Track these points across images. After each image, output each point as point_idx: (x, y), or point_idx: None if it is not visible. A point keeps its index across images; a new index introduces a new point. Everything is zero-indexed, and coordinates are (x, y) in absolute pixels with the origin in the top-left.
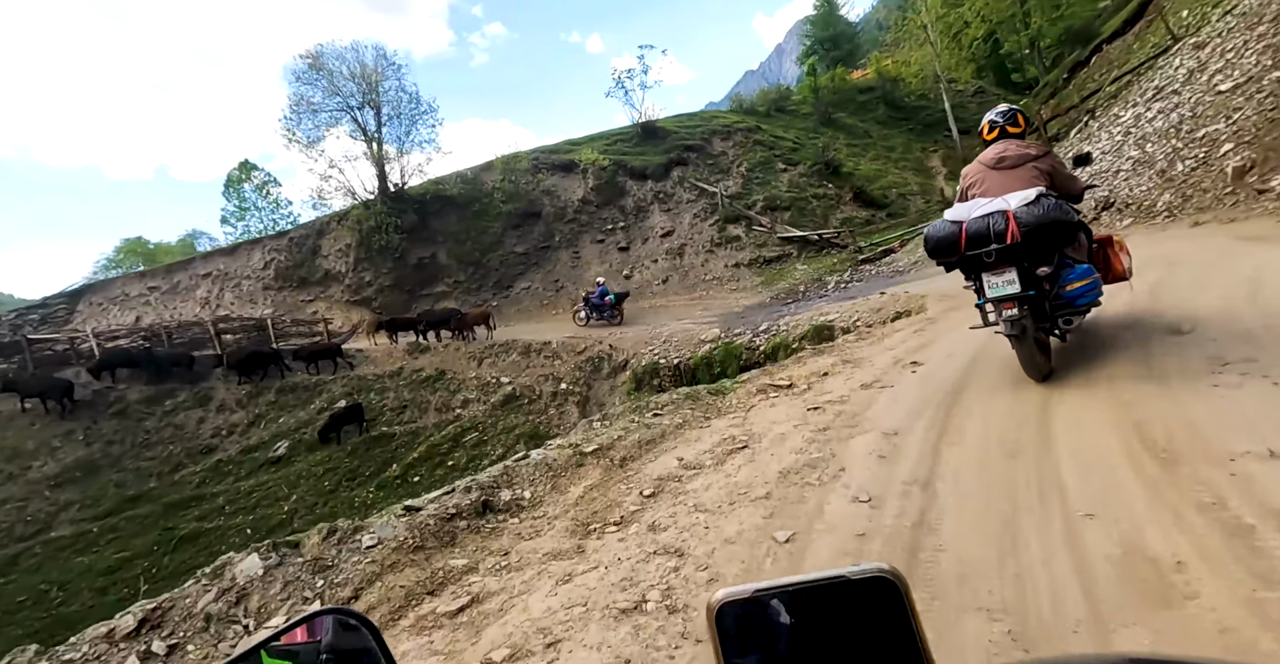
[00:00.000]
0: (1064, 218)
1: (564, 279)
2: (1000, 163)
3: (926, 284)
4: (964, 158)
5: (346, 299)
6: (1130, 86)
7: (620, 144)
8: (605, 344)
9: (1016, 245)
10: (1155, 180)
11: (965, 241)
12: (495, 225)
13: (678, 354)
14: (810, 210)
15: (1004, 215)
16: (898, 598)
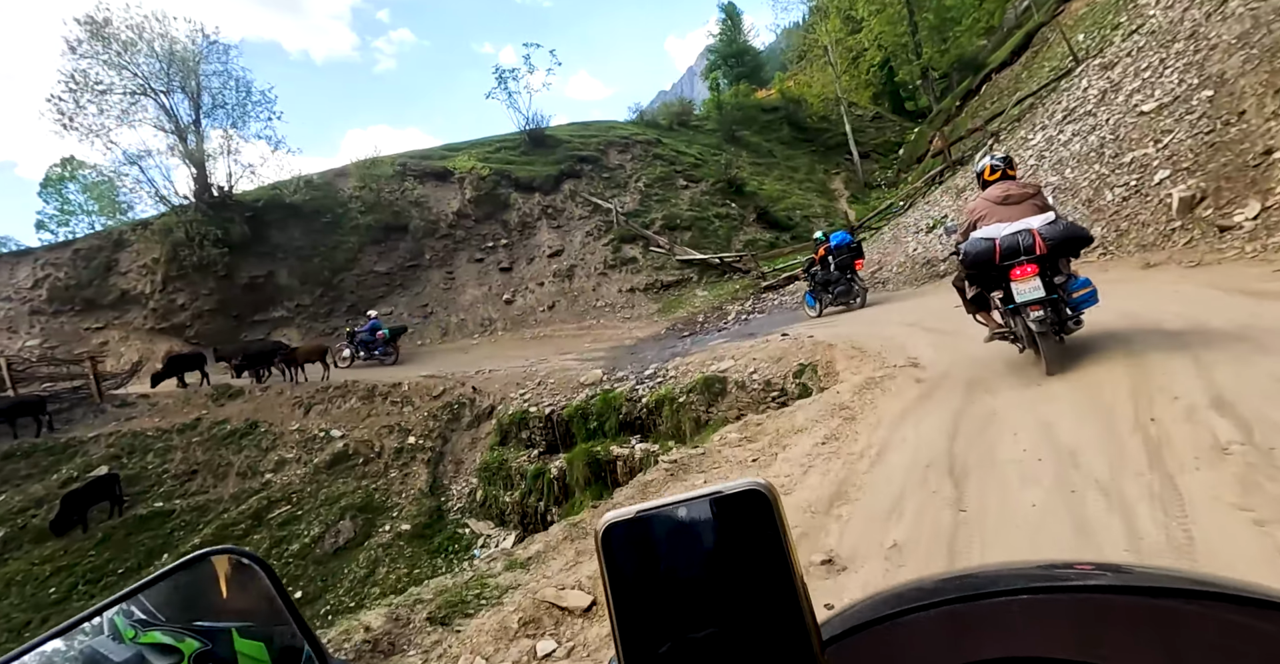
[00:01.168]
0: (1082, 233)
1: (434, 304)
2: (1006, 200)
3: (828, 325)
4: (865, 182)
5: (150, 327)
6: (1034, 109)
7: (505, 152)
8: (468, 386)
9: (1043, 256)
10: (1082, 211)
11: (999, 254)
12: (351, 240)
13: (552, 400)
14: (712, 231)
15: (1030, 233)
16: (769, 510)
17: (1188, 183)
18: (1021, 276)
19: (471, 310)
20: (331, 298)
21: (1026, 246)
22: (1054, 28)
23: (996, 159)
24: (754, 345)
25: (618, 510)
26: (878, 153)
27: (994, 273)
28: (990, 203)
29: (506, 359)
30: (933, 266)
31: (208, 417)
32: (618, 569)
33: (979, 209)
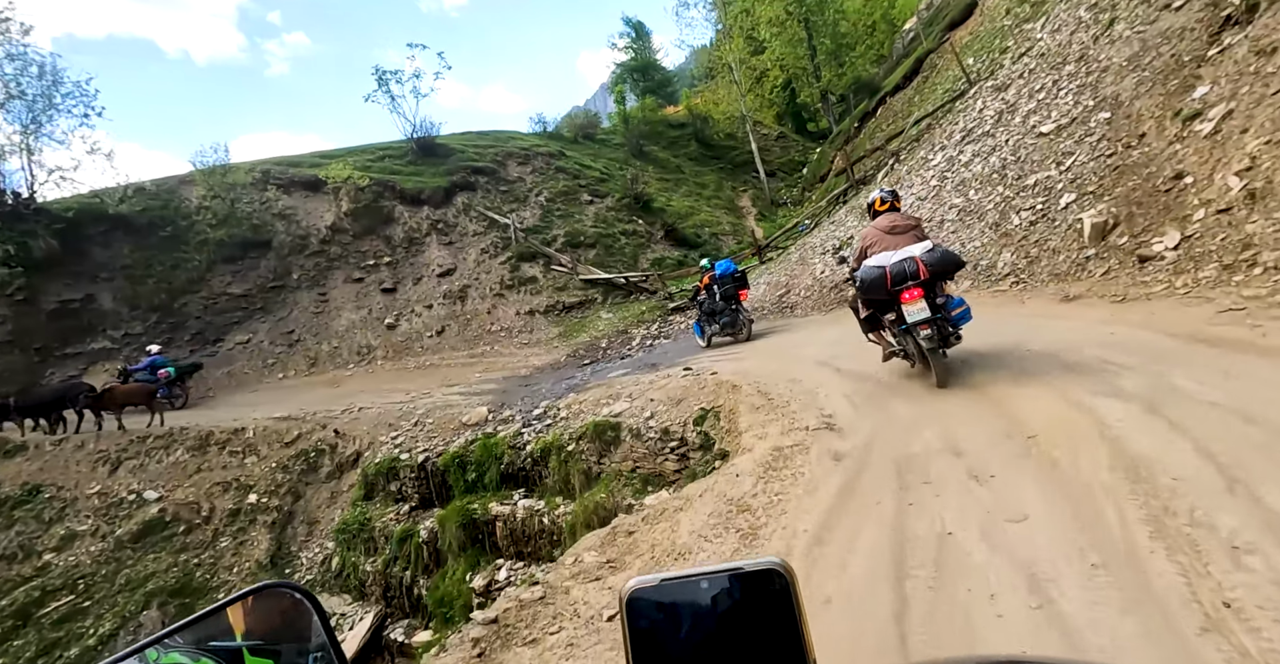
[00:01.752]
0: (956, 260)
1: (302, 330)
2: (893, 230)
3: (732, 358)
4: (772, 199)
5: None
6: (932, 129)
7: (389, 160)
8: (329, 429)
9: (927, 280)
10: (989, 235)
11: (890, 280)
12: (197, 257)
13: (428, 445)
14: (618, 248)
15: (914, 260)
16: (786, 589)
17: (1097, 207)
18: (910, 300)
19: (347, 337)
20: (171, 325)
21: (912, 272)
22: (941, 54)
23: (885, 192)
24: (654, 381)
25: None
26: (783, 171)
27: (886, 297)
28: (880, 232)
29: (383, 393)
30: (840, 291)
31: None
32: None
33: (870, 237)
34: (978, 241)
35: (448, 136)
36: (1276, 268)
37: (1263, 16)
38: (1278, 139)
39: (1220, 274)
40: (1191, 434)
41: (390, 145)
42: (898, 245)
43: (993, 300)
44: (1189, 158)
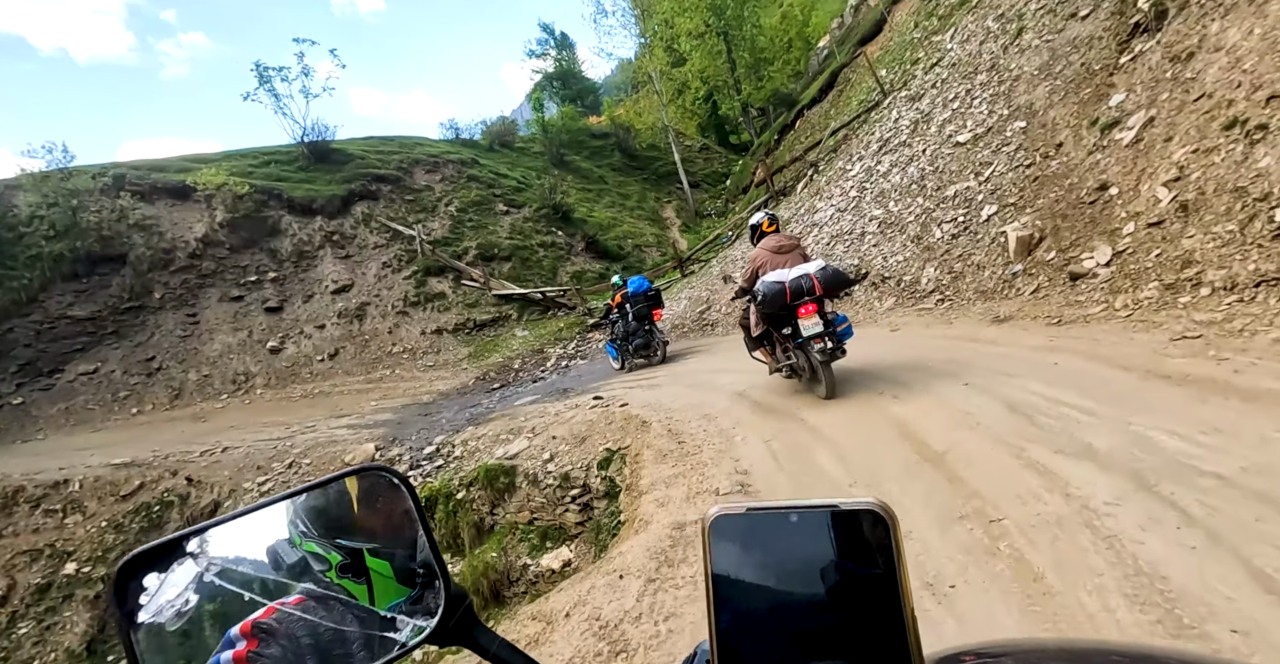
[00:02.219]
0: (846, 277)
1: (165, 356)
2: (780, 250)
3: (645, 384)
4: (696, 211)
5: None
6: (849, 140)
7: (276, 166)
8: (180, 476)
9: (820, 296)
10: (912, 249)
11: (789, 294)
12: (27, 275)
13: None
14: (536, 261)
15: (810, 277)
16: (886, 534)
17: (1021, 220)
18: (806, 314)
19: (221, 363)
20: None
21: (808, 288)
22: (854, 68)
23: (767, 214)
24: (560, 412)
25: (727, 503)
26: (707, 183)
27: (784, 312)
28: (769, 253)
29: (258, 429)
30: None
31: None
32: (719, 562)
33: (760, 258)
34: (900, 256)
35: (346, 141)
36: (1226, 289)
37: (1173, 22)
38: (1205, 147)
39: (1163, 295)
40: (1227, 541)
41: (278, 150)
42: (787, 264)
43: (919, 320)
44: (1112, 168)
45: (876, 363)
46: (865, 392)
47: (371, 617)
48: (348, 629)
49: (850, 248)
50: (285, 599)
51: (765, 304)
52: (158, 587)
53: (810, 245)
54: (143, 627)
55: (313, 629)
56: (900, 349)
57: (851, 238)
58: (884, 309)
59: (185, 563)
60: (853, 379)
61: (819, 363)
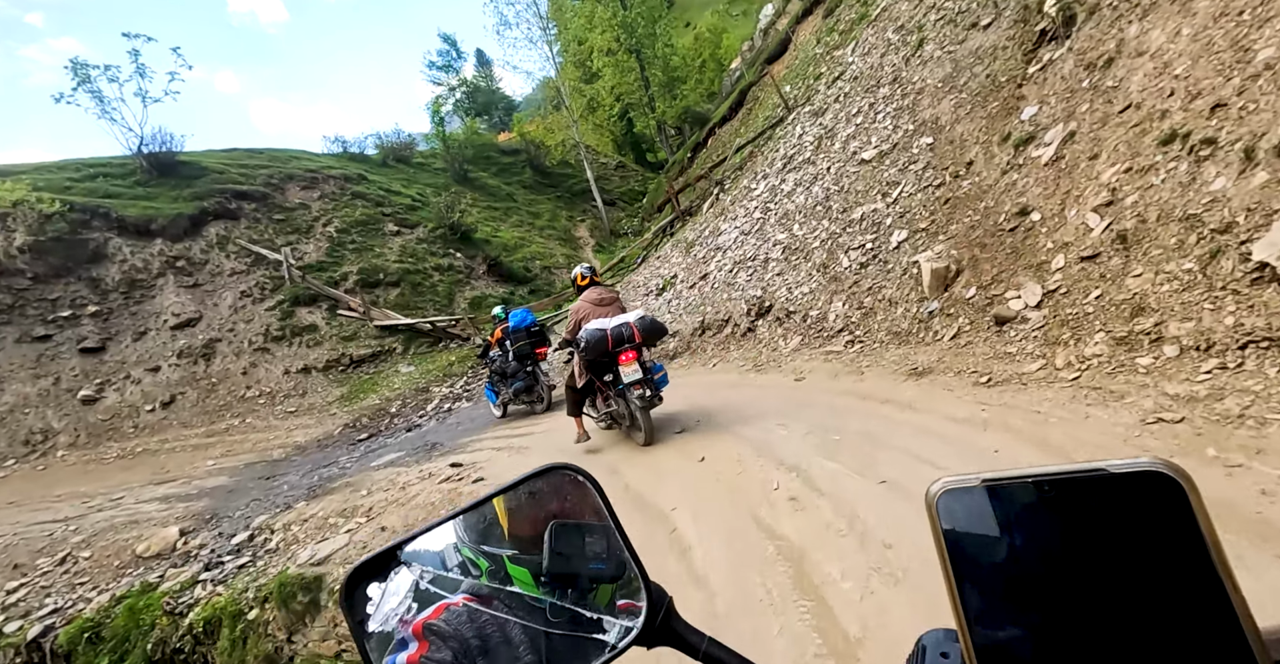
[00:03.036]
0: (663, 327)
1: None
2: (601, 302)
3: (517, 446)
4: (611, 229)
5: None
6: (754, 157)
7: (105, 180)
8: None
9: (639, 344)
10: (818, 278)
11: (611, 342)
12: None
13: (63, 601)
14: (429, 286)
15: (630, 326)
16: (1178, 501)
17: (935, 249)
18: (627, 361)
19: (10, 420)
20: None
21: (629, 336)
22: (762, 87)
23: (585, 268)
24: (408, 484)
25: (956, 475)
26: (624, 200)
27: (605, 358)
28: (590, 304)
29: (41, 506)
30: (664, 341)
31: None
32: (955, 542)
33: (582, 310)
34: (806, 286)
35: (200, 153)
36: (1199, 349)
37: (1083, 27)
38: (1140, 166)
39: (1115, 352)
40: None
41: (108, 161)
42: (608, 314)
43: (826, 367)
44: (1031, 189)
45: (765, 440)
46: (748, 483)
47: (567, 618)
48: (524, 628)
49: (753, 276)
50: (451, 599)
51: (588, 350)
52: (381, 596)
53: (713, 272)
54: (374, 636)
55: (481, 631)
56: (798, 409)
57: (755, 264)
58: (789, 349)
59: (401, 572)
60: (737, 455)
61: (638, 409)
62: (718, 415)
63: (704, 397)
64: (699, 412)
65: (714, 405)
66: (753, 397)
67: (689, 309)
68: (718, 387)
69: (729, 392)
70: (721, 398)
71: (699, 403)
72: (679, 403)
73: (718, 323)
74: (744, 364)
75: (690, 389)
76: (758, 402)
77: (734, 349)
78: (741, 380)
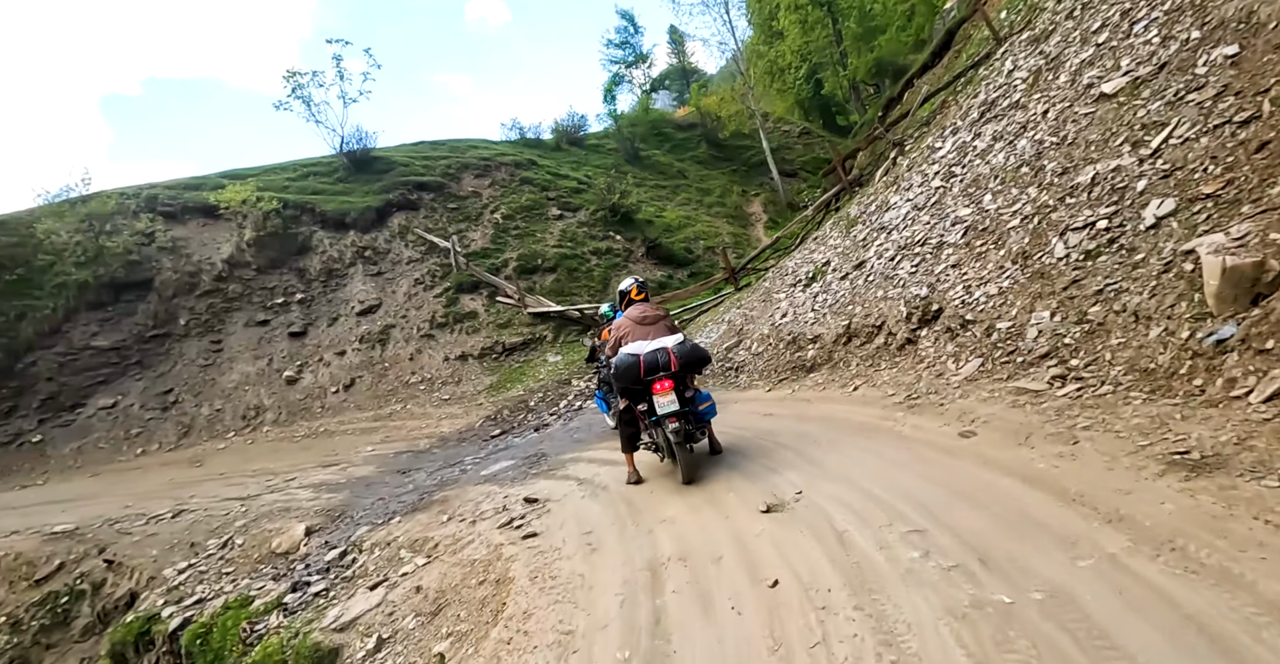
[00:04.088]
0: (704, 354)
1: (182, 389)
2: (644, 320)
3: (606, 476)
4: (788, 202)
5: None
6: (946, 109)
7: (314, 179)
8: (105, 555)
9: (676, 372)
10: (1014, 274)
11: (643, 369)
12: (50, 304)
13: (208, 590)
14: (585, 272)
15: (666, 351)
16: None
17: (1232, 231)
18: (661, 391)
19: (235, 396)
20: (15, 389)
21: (664, 363)
22: (975, 22)
23: (636, 280)
24: (478, 517)
25: None
26: (807, 170)
27: (639, 386)
28: (633, 323)
29: (235, 482)
30: (800, 349)
31: None
32: None
33: (623, 327)
34: (993, 285)
35: (390, 148)
36: None
37: None
38: None
39: None
40: None
41: (318, 161)
42: (650, 336)
43: (1013, 419)
44: None
45: (871, 565)
46: None
47: None
48: None
49: (920, 267)
50: None
51: (619, 377)
52: None
53: (871, 259)
54: None
55: None
56: (950, 506)
57: (924, 251)
58: (961, 377)
59: None
60: (805, 575)
61: (673, 443)
62: (818, 479)
63: (816, 436)
64: (790, 458)
65: (819, 459)
66: (887, 459)
67: (835, 308)
68: (845, 427)
69: (856, 440)
70: (840, 448)
71: (805, 450)
72: (784, 435)
73: (868, 329)
74: (893, 392)
75: (806, 423)
76: (890, 474)
77: (885, 367)
78: (880, 421)
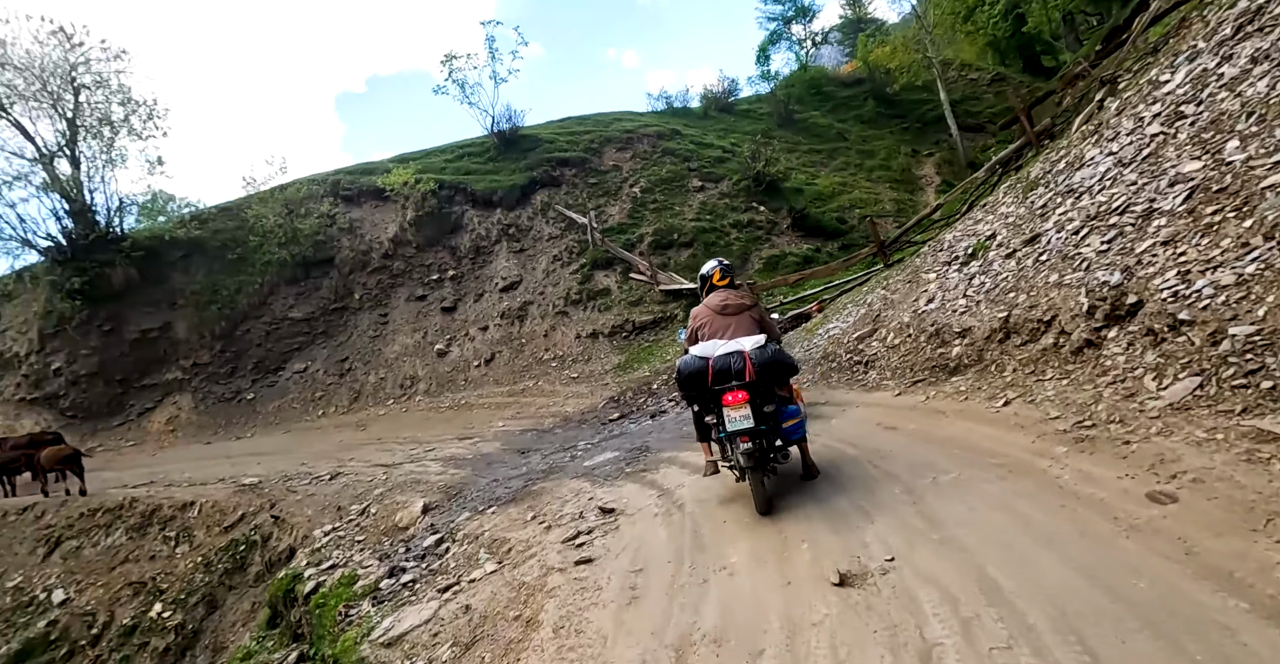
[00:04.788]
0: (786, 361)
1: (355, 358)
2: (724, 310)
3: (679, 479)
4: (969, 161)
5: (21, 397)
6: (1186, 28)
7: (468, 159)
8: (273, 510)
9: (752, 383)
10: (1265, 254)
11: (712, 376)
12: (259, 280)
13: (341, 557)
14: (724, 246)
15: (742, 356)
16: None
17: None
18: (733, 403)
19: (395, 366)
20: (234, 353)
21: (737, 370)
22: None
23: (721, 263)
24: (556, 521)
25: None
26: (996, 122)
27: (708, 395)
28: (711, 312)
29: (392, 446)
30: (944, 345)
31: None
32: None
33: (700, 317)
34: (1227, 272)
35: (538, 126)
36: None
37: None
38: None
39: None
40: None
41: (472, 142)
42: (728, 330)
43: (1248, 481)
44: None
45: None
46: None
47: None
48: None
49: (1114, 243)
50: None
51: (683, 383)
52: None
53: (1049, 232)
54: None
55: None
56: (1135, 627)
57: (1122, 222)
58: (1161, 403)
59: None
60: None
61: (745, 467)
62: (922, 542)
63: (938, 469)
64: (895, 500)
65: (933, 507)
66: (1029, 524)
67: (994, 294)
68: (980, 460)
69: (991, 483)
70: (966, 494)
71: (918, 488)
72: (898, 460)
73: (1032, 324)
74: (1057, 415)
75: (931, 445)
76: (1029, 553)
77: (1051, 377)
78: (1032, 457)
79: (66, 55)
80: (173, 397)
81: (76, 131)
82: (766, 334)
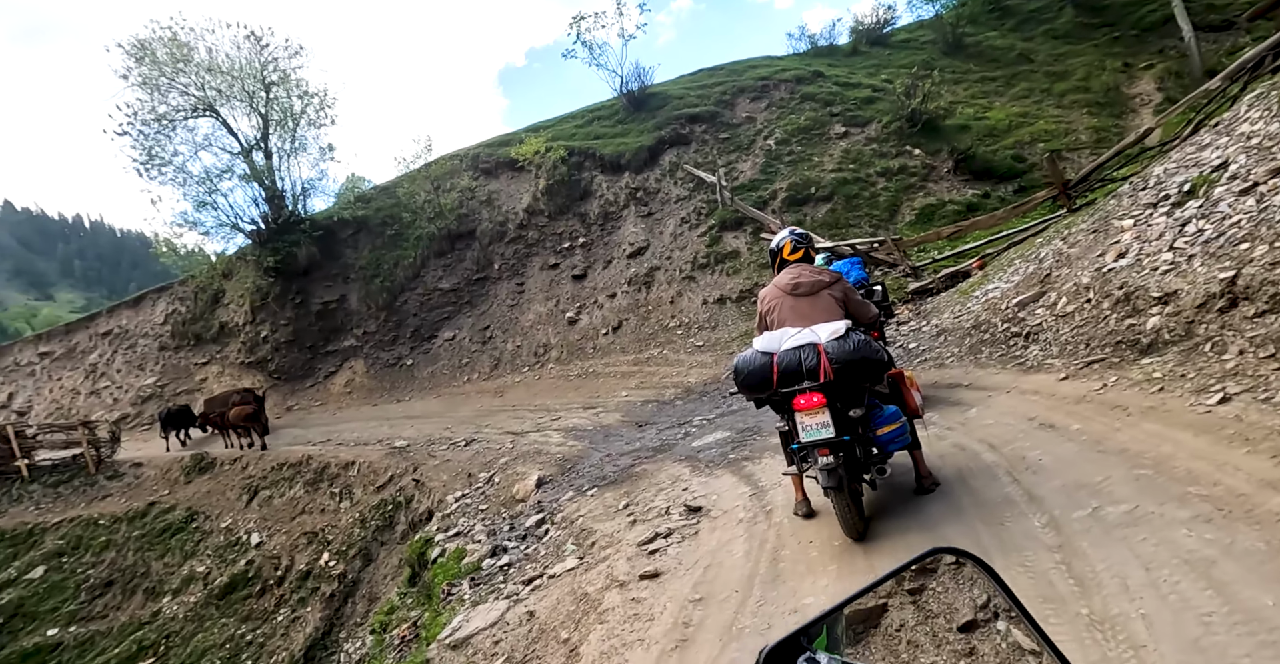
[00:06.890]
0: (873, 356)
1: (495, 326)
2: (796, 289)
3: (777, 472)
4: (1208, 71)
5: (241, 361)
6: None
7: (598, 124)
8: (418, 472)
9: (830, 383)
10: None
11: (777, 376)
12: (413, 254)
13: (463, 525)
14: (868, 198)
15: (815, 350)
16: None
17: None
18: (807, 408)
19: (530, 334)
20: (395, 323)
21: (810, 369)
22: None
23: (795, 233)
24: (639, 519)
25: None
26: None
27: (776, 398)
28: (781, 292)
29: (524, 413)
30: (1135, 314)
31: (164, 500)
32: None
33: (769, 299)
34: None
35: (668, 82)
36: None
37: None
38: None
39: None
40: None
41: (601, 106)
42: (800, 315)
43: None
44: None
45: None
46: None
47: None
48: None
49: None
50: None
51: (742, 385)
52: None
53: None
54: None
55: None
56: None
57: None
58: None
59: None
60: None
61: (825, 487)
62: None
63: (1111, 498)
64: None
65: (1091, 568)
66: (1256, 615)
67: (1216, 246)
68: (1178, 489)
69: (1192, 537)
70: (1146, 543)
71: (1069, 530)
72: (1051, 479)
73: (1272, 289)
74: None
75: (1106, 459)
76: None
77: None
78: (1264, 492)
79: (257, 56)
80: (349, 362)
81: (268, 125)
82: (852, 319)
